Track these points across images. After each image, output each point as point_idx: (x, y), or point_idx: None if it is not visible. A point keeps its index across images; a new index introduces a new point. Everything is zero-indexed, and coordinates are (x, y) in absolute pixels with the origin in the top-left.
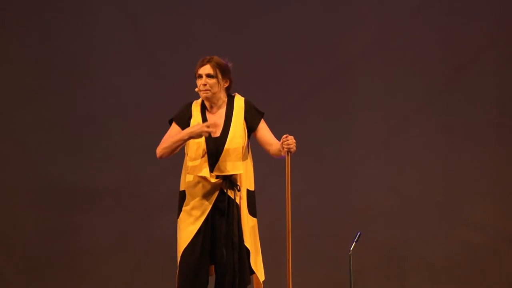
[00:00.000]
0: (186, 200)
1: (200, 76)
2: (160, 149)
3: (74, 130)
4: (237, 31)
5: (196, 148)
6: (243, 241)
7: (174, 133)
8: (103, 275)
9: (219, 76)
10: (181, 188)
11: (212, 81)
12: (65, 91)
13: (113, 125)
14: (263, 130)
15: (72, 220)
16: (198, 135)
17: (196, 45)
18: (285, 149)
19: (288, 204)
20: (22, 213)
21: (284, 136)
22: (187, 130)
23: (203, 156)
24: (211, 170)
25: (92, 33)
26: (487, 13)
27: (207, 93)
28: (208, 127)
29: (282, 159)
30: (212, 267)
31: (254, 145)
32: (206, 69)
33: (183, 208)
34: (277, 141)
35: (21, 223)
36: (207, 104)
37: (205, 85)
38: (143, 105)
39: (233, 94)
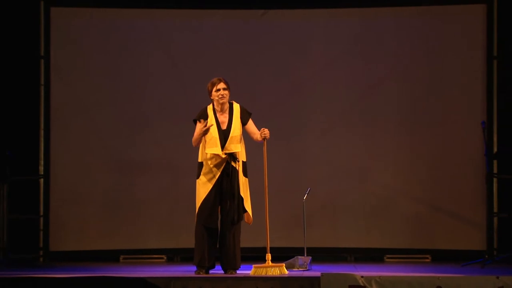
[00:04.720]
0: (203, 168)
1: (219, 90)
2: (193, 143)
3: (131, 122)
4: (234, 57)
5: (212, 136)
6: (239, 192)
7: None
8: (148, 217)
9: (229, 89)
10: (199, 160)
11: (226, 92)
12: (125, 96)
13: (157, 118)
14: (251, 124)
15: (129, 182)
16: (205, 133)
17: (208, 64)
18: (262, 137)
19: (265, 171)
20: (98, 177)
21: (262, 128)
22: (198, 132)
23: (216, 141)
24: (222, 150)
25: (139, 54)
26: (390, 47)
27: (223, 99)
28: (205, 126)
29: (262, 143)
30: (219, 208)
31: (244, 134)
32: (223, 84)
33: (202, 173)
34: (258, 131)
35: (98, 183)
36: (217, 108)
37: (223, 95)
38: (175, 104)
39: (230, 102)
